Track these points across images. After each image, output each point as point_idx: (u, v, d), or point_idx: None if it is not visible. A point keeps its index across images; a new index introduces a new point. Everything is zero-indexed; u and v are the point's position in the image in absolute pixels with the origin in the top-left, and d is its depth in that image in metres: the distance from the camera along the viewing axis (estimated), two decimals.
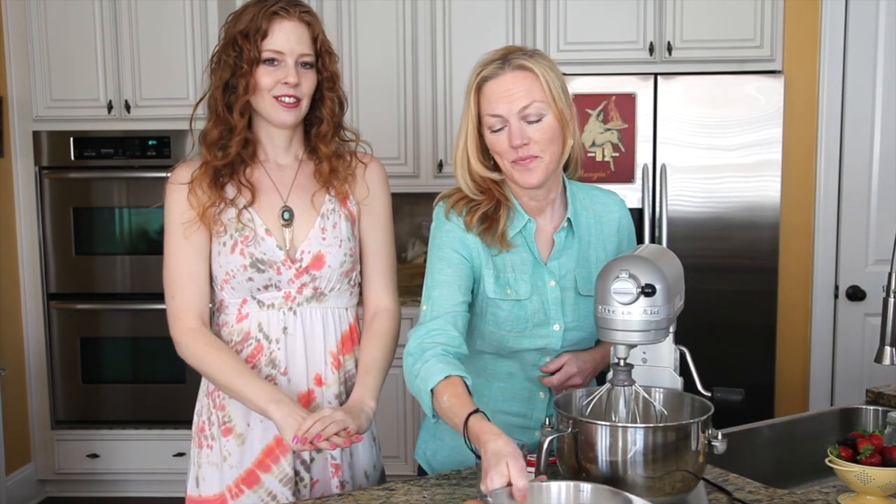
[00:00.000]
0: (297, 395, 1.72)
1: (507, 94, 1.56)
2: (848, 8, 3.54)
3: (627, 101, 3.41)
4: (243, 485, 1.72)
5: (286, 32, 1.65)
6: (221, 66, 1.68)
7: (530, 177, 1.59)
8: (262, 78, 1.65)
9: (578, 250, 1.70)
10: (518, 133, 1.56)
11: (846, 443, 1.50)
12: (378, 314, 1.80)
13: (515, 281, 1.65)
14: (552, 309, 1.67)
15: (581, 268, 1.70)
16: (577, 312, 1.69)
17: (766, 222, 3.44)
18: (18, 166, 3.84)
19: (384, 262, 1.81)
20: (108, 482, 3.95)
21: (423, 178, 3.90)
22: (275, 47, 1.64)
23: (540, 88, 1.57)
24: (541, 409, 1.74)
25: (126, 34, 3.72)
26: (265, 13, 1.63)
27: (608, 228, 1.75)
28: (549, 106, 1.58)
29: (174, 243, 1.72)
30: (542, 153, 1.58)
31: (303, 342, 1.73)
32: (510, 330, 1.66)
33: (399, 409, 3.71)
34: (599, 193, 1.78)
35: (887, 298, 1.63)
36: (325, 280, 1.73)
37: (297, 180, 1.76)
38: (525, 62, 1.57)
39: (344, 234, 1.75)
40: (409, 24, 3.81)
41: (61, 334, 3.88)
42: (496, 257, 1.65)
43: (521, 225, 1.66)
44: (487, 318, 1.67)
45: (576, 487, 1.32)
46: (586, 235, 1.72)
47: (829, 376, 3.69)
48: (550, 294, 1.67)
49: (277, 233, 1.71)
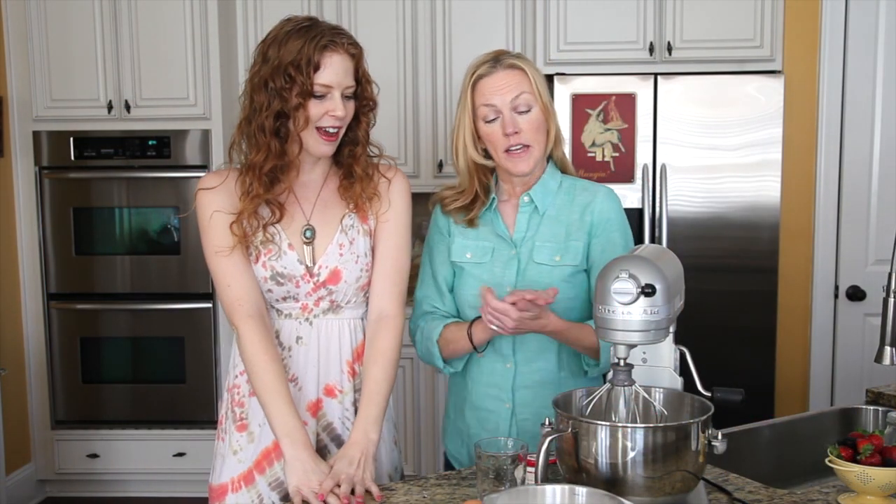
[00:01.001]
0: (307, 404, 1.74)
1: (500, 88, 1.79)
2: (848, 8, 3.55)
3: (627, 101, 3.41)
4: (243, 481, 1.75)
5: (335, 66, 1.65)
6: (269, 93, 1.64)
7: (522, 165, 1.82)
8: (310, 110, 1.65)
9: (543, 226, 1.86)
10: (510, 122, 1.78)
11: (846, 443, 1.50)
12: (381, 321, 1.78)
13: (477, 247, 1.89)
14: (507, 273, 1.85)
15: (542, 241, 1.85)
16: (530, 279, 1.84)
17: (766, 222, 3.44)
18: (18, 166, 3.84)
19: (392, 267, 1.80)
20: (108, 482, 3.95)
21: (423, 178, 3.90)
22: (325, 81, 1.64)
23: (528, 83, 1.80)
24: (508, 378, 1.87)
25: (126, 34, 3.72)
26: (316, 46, 1.62)
27: (579, 208, 1.87)
28: (535, 99, 1.81)
29: (219, 255, 1.71)
30: (532, 142, 1.81)
31: (317, 352, 1.76)
32: (469, 289, 1.88)
33: (400, 409, 3.71)
34: (586, 182, 1.94)
35: (887, 298, 1.63)
36: (342, 294, 1.76)
37: (321, 197, 1.77)
38: (515, 62, 1.82)
39: (361, 250, 1.77)
40: (409, 25, 3.82)
41: (61, 334, 3.88)
42: (468, 228, 1.90)
43: (489, 204, 1.90)
44: (457, 280, 1.92)
45: (571, 491, 1.31)
46: (555, 213, 1.87)
47: (829, 376, 3.69)
48: (508, 261, 1.86)
49: (299, 248, 1.73)
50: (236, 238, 1.69)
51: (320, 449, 1.73)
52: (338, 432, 1.77)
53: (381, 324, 1.78)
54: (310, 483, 1.57)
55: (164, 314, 3.84)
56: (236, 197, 1.70)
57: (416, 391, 3.72)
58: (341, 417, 1.77)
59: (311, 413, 1.75)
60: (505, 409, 1.86)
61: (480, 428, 1.89)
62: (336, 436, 1.77)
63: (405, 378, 3.70)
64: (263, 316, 1.72)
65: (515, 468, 1.49)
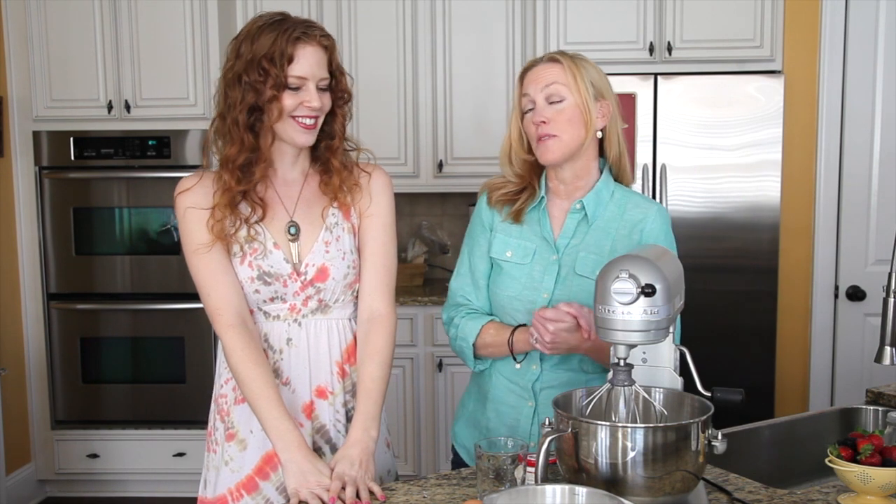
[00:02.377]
0: (301, 406, 1.74)
1: (535, 79, 1.81)
2: (848, 8, 3.55)
3: (627, 101, 3.41)
4: (243, 490, 1.73)
5: (309, 58, 1.65)
6: (243, 87, 1.64)
7: (548, 153, 1.79)
8: (285, 101, 1.65)
9: (589, 235, 1.82)
10: (540, 111, 1.78)
11: (846, 443, 1.50)
12: (373, 320, 1.77)
13: (519, 246, 1.85)
14: (546, 278, 1.82)
15: (587, 252, 1.81)
16: (568, 289, 1.79)
17: (766, 222, 3.44)
18: (18, 166, 3.84)
19: (380, 265, 1.79)
20: (108, 482, 3.95)
21: (423, 178, 3.90)
22: (299, 73, 1.65)
23: (564, 75, 1.78)
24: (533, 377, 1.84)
25: (126, 34, 3.72)
26: (289, 38, 1.63)
27: (629, 224, 1.82)
28: (570, 91, 1.78)
29: (197, 253, 1.70)
30: (561, 133, 1.77)
31: (307, 354, 1.75)
32: (505, 289, 1.85)
33: (399, 409, 3.71)
34: (639, 197, 1.88)
35: (887, 298, 1.63)
36: (330, 292, 1.75)
37: (302, 194, 1.77)
38: (557, 56, 1.81)
39: (347, 246, 1.76)
40: (409, 25, 3.82)
41: (61, 334, 3.88)
42: (512, 225, 1.87)
43: (537, 201, 1.87)
44: (494, 277, 1.89)
45: (571, 491, 1.31)
46: (603, 225, 1.83)
47: (829, 376, 3.69)
48: (549, 265, 1.82)
49: (285, 246, 1.73)
50: (213, 236, 1.68)
51: (314, 452, 1.72)
52: (330, 435, 1.76)
53: (373, 323, 1.77)
54: (307, 483, 1.56)
55: (164, 314, 3.84)
56: (212, 195, 1.70)
57: (416, 391, 3.72)
58: (332, 420, 1.76)
59: (307, 415, 1.74)
60: (528, 408, 1.85)
61: (500, 423, 1.87)
62: (329, 439, 1.76)
63: (405, 378, 3.70)
64: (245, 322, 1.71)
65: (515, 468, 1.49)
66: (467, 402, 2.01)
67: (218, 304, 1.69)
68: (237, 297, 1.70)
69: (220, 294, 1.69)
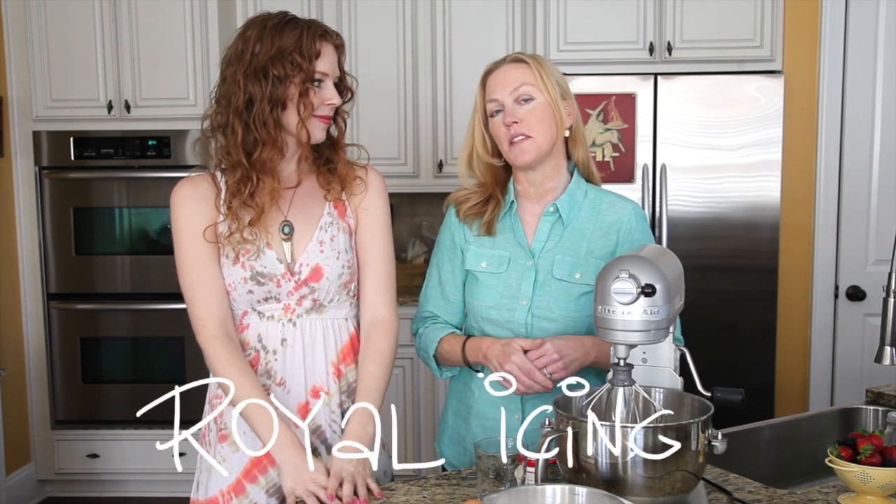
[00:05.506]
0: (297, 407, 1.73)
1: (502, 81, 1.78)
2: (848, 8, 3.55)
3: (627, 101, 3.41)
4: (233, 492, 1.73)
5: (330, 55, 1.69)
6: (271, 80, 1.63)
7: (523, 155, 1.76)
8: (313, 96, 1.66)
9: (565, 238, 1.81)
10: (510, 112, 1.76)
11: (846, 443, 1.50)
12: (375, 325, 1.77)
13: (493, 256, 1.83)
14: (524, 285, 1.79)
15: (563, 254, 1.79)
16: (546, 294, 1.78)
17: (766, 222, 3.44)
18: (18, 166, 3.84)
19: (381, 270, 1.79)
20: (108, 482, 3.95)
21: (423, 178, 3.90)
22: (323, 69, 1.67)
23: (531, 75, 1.76)
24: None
25: (126, 34, 3.72)
26: (313, 35, 1.66)
27: (604, 225, 1.81)
28: (539, 90, 1.76)
29: (189, 254, 1.70)
30: (534, 133, 1.75)
31: (302, 354, 1.74)
32: (482, 300, 1.83)
33: (400, 409, 3.71)
34: (612, 195, 1.87)
35: (887, 298, 1.63)
36: (324, 292, 1.74)
37: (297, 194, 1.76)
38: (520, 56, 1.80)
39: (342, 246, 1.75)
40: (409, 25, 3.82)
41: (61, 334, 3.88)
42: (485, 237, 1.85)
43: (507, 207, 1.84)
44: (470, 288, 1.86)
45: (571, 491, 1.31)
46: (579, 226, 1.81)
47: (829, 376, 3.69)
48: (525, 272, 1.80)
49: (278, 246, 1.72)
50: (210, 244, 1.68)
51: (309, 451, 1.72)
52: (326, 436, 1.75)
53: (376, 326, 1.77)
54: (303, 482, 1.56)
55: (164, 314, 3.84)
56: (210, 203, 1.69)
57: (416, 391, 3.72)
58: (328, 421, 1.75)
59: (302, 415, 1.73)
60: (514, 421, 1.79)
61: (485, 437, 1.84)
62: (325, 439, 1.75)
63: (405, 378, 3.70)
64: (229, 333, 1.70)
65: (515, 468, 1.49)
66: (447, 417, 1.96)
67: (202, 315, 1.69)
68: (222, 307, 1.70)
69: (205, 305, 1.69)
